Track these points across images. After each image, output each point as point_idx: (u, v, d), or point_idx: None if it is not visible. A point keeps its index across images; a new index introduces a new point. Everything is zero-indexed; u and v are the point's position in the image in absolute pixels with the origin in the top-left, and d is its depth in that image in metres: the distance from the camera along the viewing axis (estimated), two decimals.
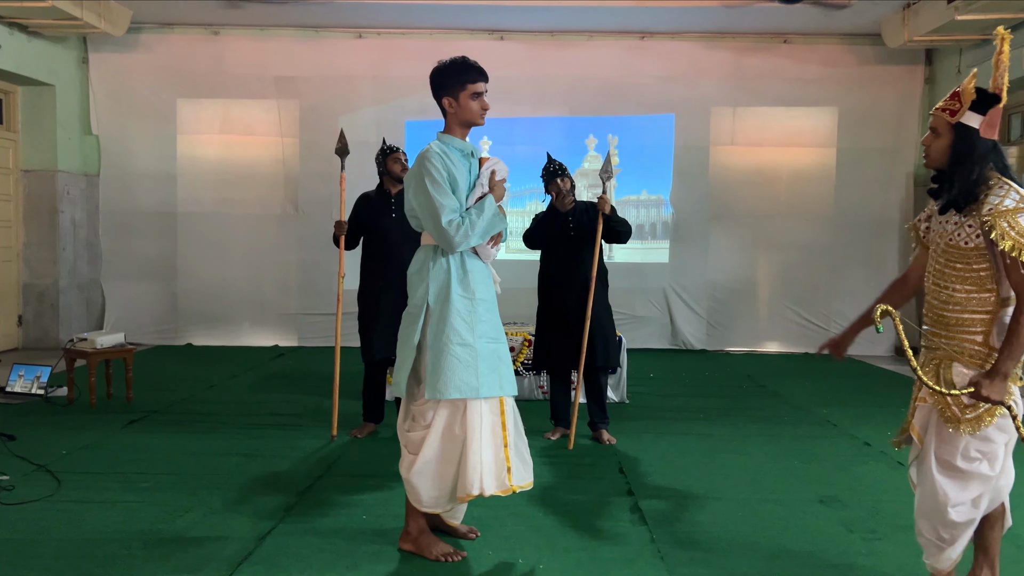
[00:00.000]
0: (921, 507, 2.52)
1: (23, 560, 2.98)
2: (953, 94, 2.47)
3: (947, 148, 2.46)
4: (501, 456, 2.95)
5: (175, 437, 4.75)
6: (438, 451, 2.94)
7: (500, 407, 3.00)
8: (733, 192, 8.51)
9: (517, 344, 5.83)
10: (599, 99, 8.59)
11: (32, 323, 8.20)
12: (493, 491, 2.92)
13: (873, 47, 8.34)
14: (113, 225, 8.61)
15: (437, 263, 2.98)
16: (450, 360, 2.89)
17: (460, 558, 3.03)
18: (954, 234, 2.43)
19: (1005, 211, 2.31)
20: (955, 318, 2.44)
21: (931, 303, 2.52)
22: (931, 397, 2.48)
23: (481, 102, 3.00)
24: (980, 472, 2.43)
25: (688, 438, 4.94)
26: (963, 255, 2.42)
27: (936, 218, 2.56)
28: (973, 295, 2.42)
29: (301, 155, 8.52)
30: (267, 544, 3.14)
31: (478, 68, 3.00)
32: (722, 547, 3.18)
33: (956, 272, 2.44)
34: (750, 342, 8.70)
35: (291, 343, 8.62)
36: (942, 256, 2.48)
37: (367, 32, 8.50)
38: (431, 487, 2.97)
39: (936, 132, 2.49)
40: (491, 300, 3.05)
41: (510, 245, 8.67)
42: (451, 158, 2.98)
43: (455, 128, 3.04)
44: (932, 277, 2.53)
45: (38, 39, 7.75)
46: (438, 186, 2.90)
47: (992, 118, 2.42)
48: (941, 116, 2.48)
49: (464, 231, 2.89)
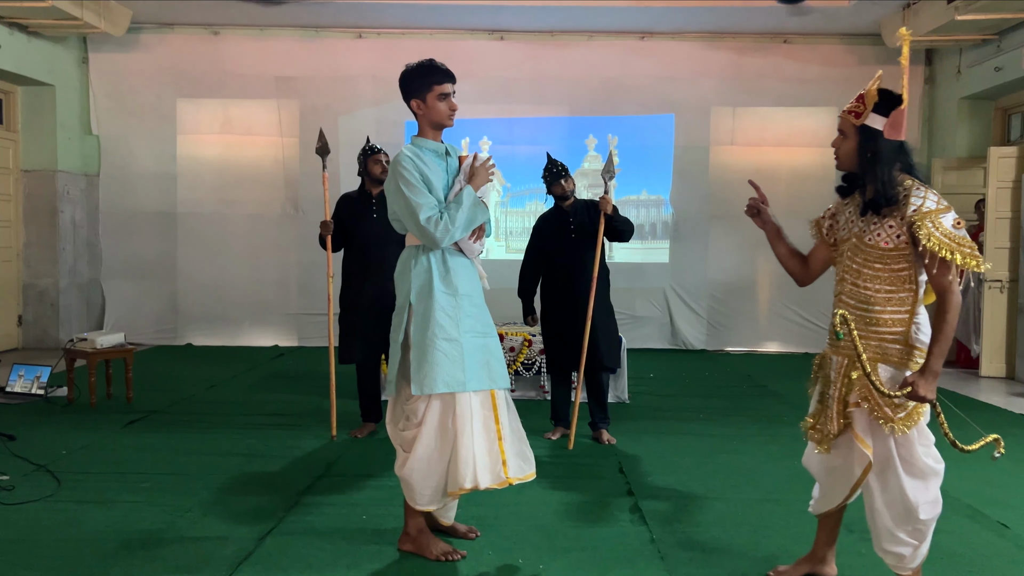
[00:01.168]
0: (890, 514, 2.50)
1: (23, 560, 2.97)
2: (858, 97, 2.52)
3: (854, 150, 2.52)
4: (495, 449, 2.97)
5: (175, 437, 4.75)
6: (431, 447, 2.96)
7: (492, 401, 3.01)
8: (733, 192, 8.48)
9: (517, 344, 5.82)
10: (599, 99, 8.59)
11: (32, 323, 8.20)
12: (488, 484, 2.92)
13: (873, 47, 8.34)
14: (113, 225, 8.61)
15: (419, 262, 3.01)
16: (436, 355, 2.91)
17: (460, 557, 3.03)
18: (873, 234, 2.47)
19: (928, 212, 2.37)
20: (875, 318, 2.47)
21: (847, 303, 2.54)
22: (866, 400, 2.47)
23: (449, 103, 3.01)
24: (935, 468, 2.50)
25: (688, 438, 4.94)
26: (882, 255, 2.46)
27: (847, 217, 2.60)
28: (893, 295, 2.46)
29: (301, 155, 8.53)
30: (267, 544, 3.14)
31: (444, 70, 3.02)
32: (722, 547, 3.18)
33: (875, 272, 2.48)
34: (750, 342, 8.70)
35: (291, 343, 8.62)
36: (859, 256, 2.51)
37: (367, 32, 8.50)
38: (426, 484, 2.98)
39: (843, 134, 2.55)
40: (476, 295, 3.06)
41: (510, 245, 8.69)
42: (423, 159, 3.00)
43: (427, 130, 3.06)
44: (850, 277, 2.54)
45: (38, 39, 7.75)
46: (412, 187, 2.92)
47: (896, 119, 2.46)
48: (847, 118, 2.53)
49: (444, 225, 2.91)
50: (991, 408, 5.93)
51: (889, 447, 2.48)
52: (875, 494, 2.53)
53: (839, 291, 2.60)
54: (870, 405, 2.47)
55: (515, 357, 5.81)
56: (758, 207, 2.78)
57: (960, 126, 8.06)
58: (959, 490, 3.90)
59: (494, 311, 7.44)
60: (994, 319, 7.19)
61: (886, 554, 2.56)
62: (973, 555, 3.13)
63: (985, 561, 3.08)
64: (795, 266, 2.80)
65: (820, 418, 2.66)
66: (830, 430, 2.59)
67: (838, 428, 2.57)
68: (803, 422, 2.75)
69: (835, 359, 2.59)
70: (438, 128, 3.06)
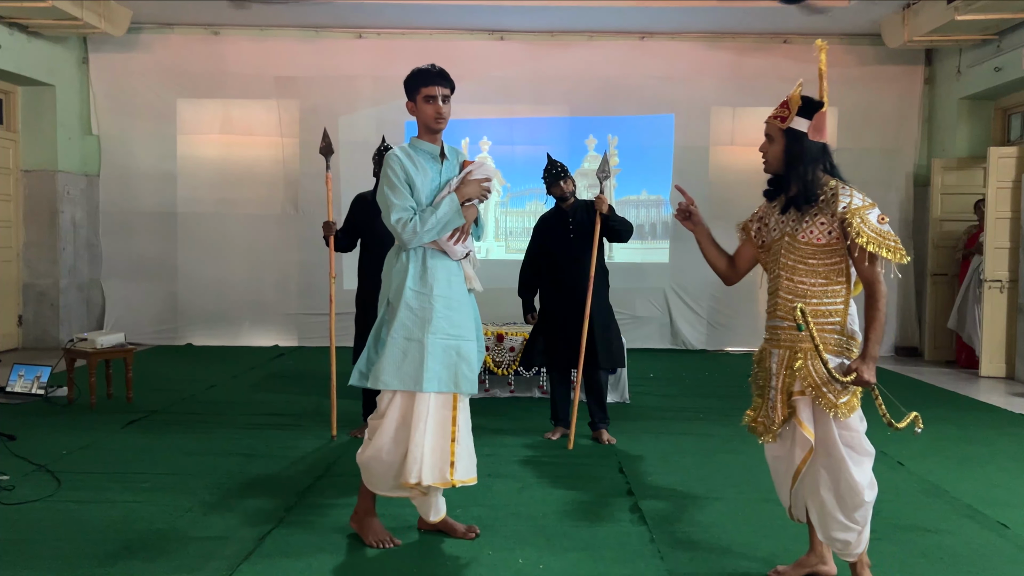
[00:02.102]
0: (835, 500, 2.62)
1: (23, 560, 2.97)
2: (783, 103, 2.68)
3: (781, 152, 2.69)
4: (447, 450, 3.02)
5: (175, 437, 4.75)
6: (387, 439, 3.04)
7: (453, 402, 3.06)
8: (733, 192, 8.49)
9: (517, 344, 5.82)
10: (599, 99, 8.59)
11: (32, 323, 8.20)
12: (431, 482, 3.00)
13: (873, 47, 8.34)
14: (113, 225, 8.61)
15: (399, 261, 3.08)
16: (395, 352, 2.99)
17: (393, 545, 3.12)
18: (806, 232, 2.63)
19: (857, 209, 2.55)
20: (814, 310, 2.61)
21: (785, 298, 2.68)
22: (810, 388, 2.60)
23: (435, 107, 3.04)
24: (871, 451, 2.66)
25: (688, 438, 4.94)
26: (816, 251, 2.63)
27: (777, 218, 2.76)
28: (828, 287, 2.63)
29: (301, 155, 8.53)
30: (267, 544, 3.14)
31: (433, 73, 3.07)
32: (722, 547, 3.18)
33: (810, 267, 2.64)
34: (750, 342, 8.68)
35: (291, 343, 8.62)
36: (793, 253, 2.67)
37: (367, 32, 8.50)
38: (380, 472, 3.08)
39: (770, 138, 2.71)
40: (455, 298, 3.08)
41: (510, 245, 8.69)
42: (415, 160, 3.06)
43: (422, 132, 3.13)
44: (785, 273, 2.68)
45: (38, 39, 7.75)
46: (392, 186, 3.00)
47: (818, 122, 2.64)
48: (773, 123, 2.69)
49: (412, 227, 2.96)
50: (991, 408, 5.93)
51: (832, 432, 2.61)
52: (819, 481, 2.65)
53: (775, 287, 2.74)
54: (815, 393, 2.60)
55: (515, 357, 5.81)
56: (688, 210, 2.91)
57: (960, 126, 8.06)
58: (959, 490, 3.90)
59: (494, 311, 7.50)
60: (994, 319, 7.19)
61: (833, 541, 2.68)
62: (973, 555, 3.13)
63: (985, 561, 3.08)
64: (724, 266, 2.95)
65: (761, 411, 2.80)
66: (774, 419, 2.72)
67: (782, 417, 2.70)
68: (745, 416, 2.88)
69: (776, 352, 2.74)
70: (428, 131, 3.10)
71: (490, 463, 4.25)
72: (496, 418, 5.33)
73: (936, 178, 8.13)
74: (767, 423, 2.77)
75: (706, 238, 2.94)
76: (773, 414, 2.73)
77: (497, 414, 5.46)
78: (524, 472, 4.16)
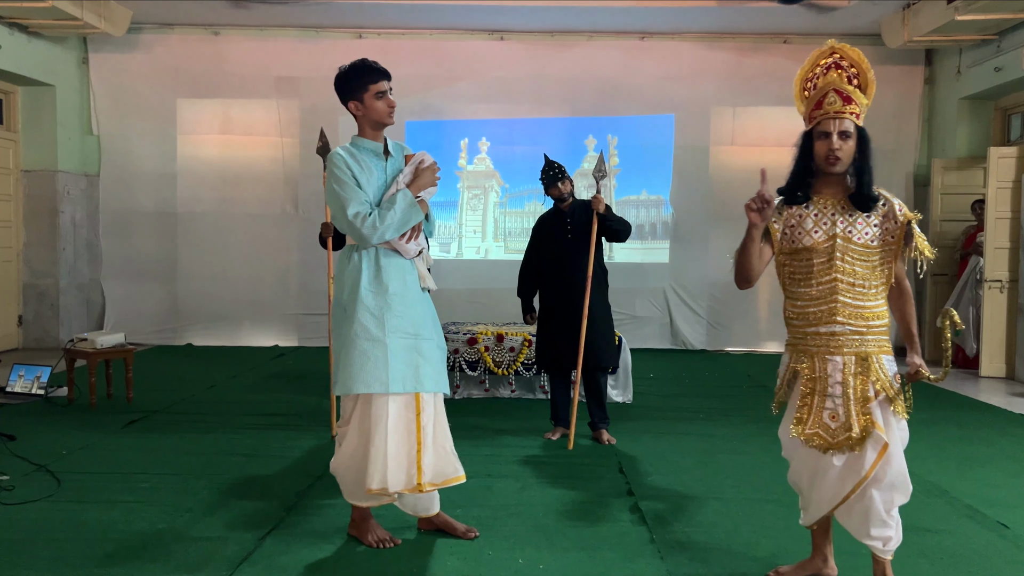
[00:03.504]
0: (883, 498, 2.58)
1: (23, 560, 2.97)
2: (847, 99, 2.59)
3: (854, 149, 2.59)
4: (412, 454, 2.96)
5: (175, 437, 4.75)
6: (354, 445, 3.00)
7: (416, 404, 2.99)
8: (733, 192, 8.48)
9: (517, 344, 5.82)
10: (599, 99, 8.59)
11: (32, 323, 8.20)
12: (399, 488, 2.95)
13: (873, 47, 8.32)
14: (113, 225, 8.61)
15: (351, 262, 3.03)
16: (357, 356, 2.93)
17: (394, 545, 3.10)
18: (861, 233, 2.58)
19: (909, 213, 2.59)
20: (872, 312, 2.58)
21: (848, 303, 2.57)
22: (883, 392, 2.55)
23: (387, 101, 3.02)
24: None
25: (688, 438, 4.94)
26: (869, 252, 2.59)
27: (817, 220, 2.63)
28: (880, 288, 2.61)
29: (301, 155, 8.53)
30: (267, 544, 3.15)
31: (378, 68, 3.04)
32: (722, 547, 3.18)
33: (866, 269, 2.59)
34: (750, 342, 8.69)
35: (291, 343, 8.62)
36: (849, 255, 2.58)
37: (367, 32, 8.50)
38: (350, 480, 3.05)
39: (847, 135, 2.59)
40: (410, 296, 3.03)
41: (509, 246, 8.69)
42: (358, 159, 3.02)
43: (366, 130, 3.08)
44: (845, 277, 2.58)
45: (38, 39, 7.75)
46: (342, 183, 2.96)
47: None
48: (851, 119, 2.60)
49: (371, 223, 2.92)
50: (991, 408, 5.93)
51: (894, 431, 2.58)
52: (868, 481, 2.58)
53: (828, 292, 2.59)
54: (890, 397, 2.56)
55: (515, 357, 5.81)
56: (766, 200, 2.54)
57: (960, 126, 8.06)
58: (959, 490, 3.90)
59: (494, 311, 7.45)
60: (994, 319, 7.19)
61: (875, 540, 2.62)
62: (973, 555, 3.13)
63: (985, 561, 3.08)
64: (759, 267, 2.72)
65: (811, 422, 2.63)
66: (849, 431, 2.55)
67: (860, 426, 2.54)
68: (794, 429, 2.66)
69: (838, 359, 2.59)
70: (378, 128, 3.07)
71: (490, 463, 4.25)
72: (496, 418, 5.34)
73: (936, 178, 8.13)
74: (830, 435, 2.60)
75: (759, 238, 2.67)
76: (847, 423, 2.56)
77: (497, 414, 5.46)
78: (524, 472, 4.16)
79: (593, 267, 4.62)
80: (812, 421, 2.63)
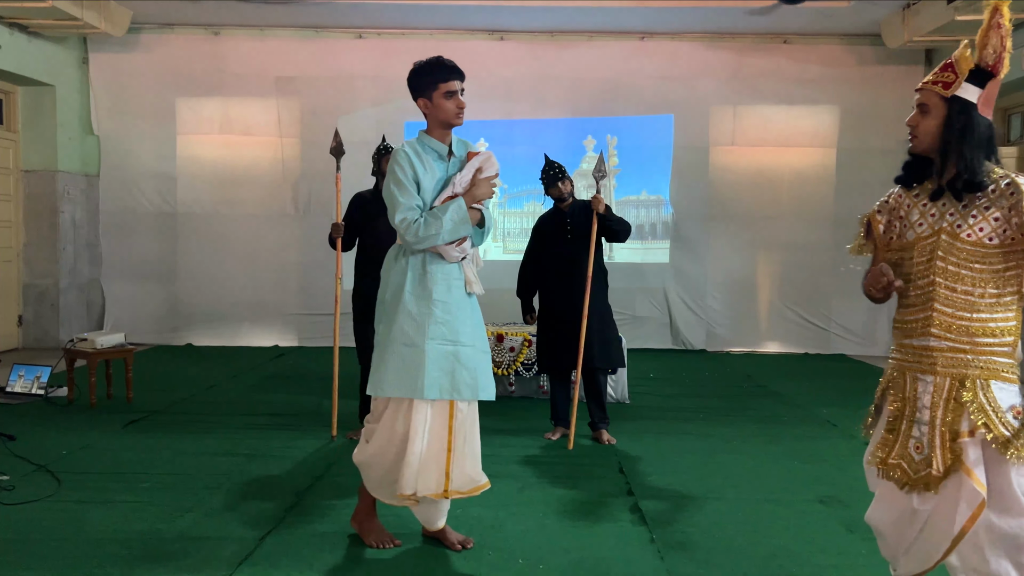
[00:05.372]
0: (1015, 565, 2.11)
1: (23, 560, 2.98)
2: (945, 65, 2.18)
3: (938, 128, 2.19)
4: (442, 461, 2.94)
5: (175, 437, 4.75)
6: (383, 446, 2.99)
7: (450, 410, 2.97)
8: (733, 192, 8.51)
9: (517, 344, 5.83)
10: (599, 99, 8.59)
11: (32, 323, 8.20)
12: (425, 493, 2.94)
13: (873, 47, 8.34)
14: (113, 225, 8.61)
15: (398, 262, 3.01)
16: (393, 359, 2.92)
17: (393, 546, 3.12)
18: (973, 229, 2.13)
19: None
20: (981, 327, 2.12)
21: (944, 312, 2.15)
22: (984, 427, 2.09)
23: (456, 101, 2.97)
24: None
25: (688, 438, 4.94)
26: (986, 254, 2.12)
27: (923, 211, 2.25)
28: (999, 299, 2.13)
29: (301, 155, 8.52)
30: (267, 544, 3.15)
31: (451, 66, 2.99)
32: (722, 547, 3.18)
33: (976, 274, 2.13)
34: (750, 342, 8.69)
35: (291, 343, 8.62)
36: (954, 255, 2.15)
37: (367, 32, 8.50)
38: (376, 477, 3.06)
39: (925, 109, 2.22)
40: (454, 303, 2.98)
41: (508, 246, 8.69)
42: (423, 158, 2.98)
43: (434, 129, 3.03)
44: (944, 281, 2.16)
45: (38, 39, 7.75)
46: (400, 184, 2.92)
47: (991, 92, 2.15)
48: (932, 90, 2.19)
49: (415, 230, 2.87)
50: None
51: (1010, 480, 2.09)
52: (988, 544, 2.12)
53: (926, 298, 2.19)
54: (992, 433, 2.08)
55: (515, 357, 5.81)
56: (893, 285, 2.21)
57: None
58: None
59: (493, 311, 7.49)
60: None
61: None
62: None
63: None
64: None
65: (895, 449, 2.24)
66: (929, 466, 2.15)
67: (944, 465, 2.13)
68: (871, 457, 2.31)
69: (930, 379, 2.17)
70: (446, 127, 3.02)
71: (490, 463, 4.22)
72: (496, 418, 5.33)
73: None
74: (913, 469, 2.19)
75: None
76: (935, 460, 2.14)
77: (497, 414, 5.45)
78: (524, 472, 4.16)
79: (593, 267, 4.62)
80: (897, 450, 2.24)
